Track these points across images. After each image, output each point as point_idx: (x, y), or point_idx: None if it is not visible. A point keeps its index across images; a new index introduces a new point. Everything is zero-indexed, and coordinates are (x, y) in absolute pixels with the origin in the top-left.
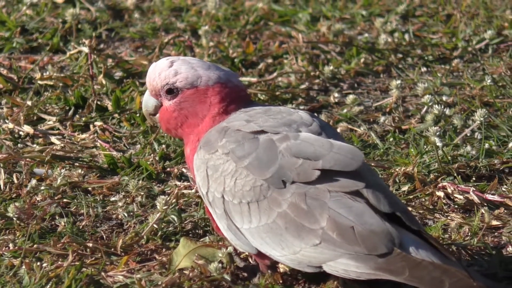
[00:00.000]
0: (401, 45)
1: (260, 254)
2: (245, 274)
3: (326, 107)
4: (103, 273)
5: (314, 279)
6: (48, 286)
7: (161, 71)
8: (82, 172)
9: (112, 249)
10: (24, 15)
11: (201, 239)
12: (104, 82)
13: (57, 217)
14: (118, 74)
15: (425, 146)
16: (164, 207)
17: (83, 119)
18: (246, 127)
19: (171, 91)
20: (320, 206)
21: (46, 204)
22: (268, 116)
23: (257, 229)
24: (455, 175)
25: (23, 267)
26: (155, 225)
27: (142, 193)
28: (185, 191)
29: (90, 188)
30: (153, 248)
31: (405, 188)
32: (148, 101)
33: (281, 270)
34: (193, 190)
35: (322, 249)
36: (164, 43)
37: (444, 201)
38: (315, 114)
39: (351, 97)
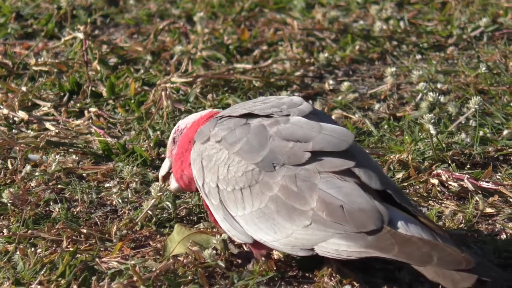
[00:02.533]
0: (396, 32)
1: (255, 244)
2: (239, 261)
3: (321, 94)
4: (97, 259)
5: (308, 266)
6: (42, 272)
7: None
8: (77, 158)
9: (107, 235)
10: (19, 1)
11: (195, 226)
12: (98, 68)
13: (51, 203)
14: (112, 60)
15: (419, 134)
16: (158, 194)
17: (78, 105)
18: (235, 112)
19: (174, 140)
20: (310, 188)
21: (41, 190)
22: (254, 102)
23: (251, 215)
24: (449, 162)
25: (17, 253)
26: (149, 212)
27: (136, 180)
28: None
29: (84, 174)
30: (147, 234)
31: (399, 175)
32: (164, 165)
33: (275, 257)
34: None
35: (313, 230)
36: (159, 30)
37: (438, 188)
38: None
39: (346, 84)
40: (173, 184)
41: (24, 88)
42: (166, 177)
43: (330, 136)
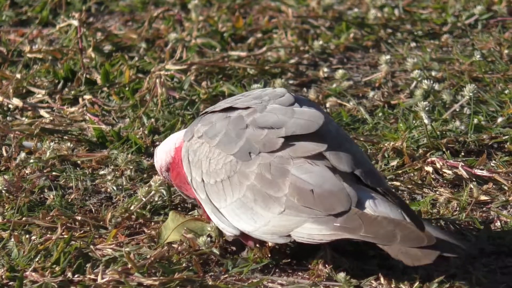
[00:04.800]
0: (391, 20)
1: (243, 235)
2: (234, 248)
3: (316, 82)
4: (92, 246)
5: (302, 254)
6: (37, 259)
7: (156, 165)
8: (71, 145)
9: (101, 223)
10: None
11: (190, 213)
12: (93, 55)
13: (46, 190)
14: (107, 48)
15: (414, 121)
16: (159, 188)
17: (72, 92)
18: (218, 107)
19: (166, 177)
20: (283, 174)
21: (35, 177)
22: (238, 96)
23: (232, 206)
24: (444, 150)
25: (12, 239)
26: (143, 199)
27: (131, 167)
28: None
29: (79, 162)
30: (141, 221)
31: (394, 163)
32: None
33: (270, 244)
34: None
35: (287, 216)
36: (153, 17)
37: (433, 176)
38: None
39: (340, 72)
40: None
41: (18, 75)
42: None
43: (300, 119)
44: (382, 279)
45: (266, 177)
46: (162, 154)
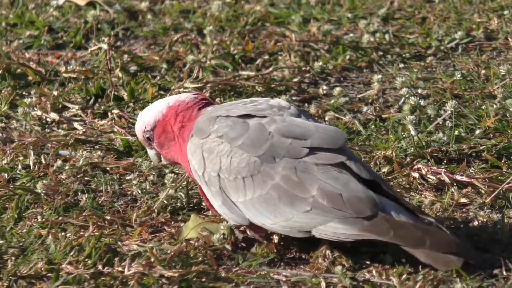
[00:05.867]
0: (382, 44)
1: (251, 225)
2: (244, 245)
3: (316, 98)
4: (119, 243)
5: (304, 249)
6: (72, 253)
7: (138, 128)
8: (101, 154)
9: (127, 222)
10: (51, 16)
11: (204, 212)
12: (120, 75)
13: (79, 193)
14: (133, 68)
15: (402, 133)
16: (172, 184)
17: (102, 107)
18: (231, 113)
19: (149, 139)
20: (310, 178)
21: (70, 182)
22: (245, 104)
23: (252, 201)
24: (428, 158)
25: (50, 236)
26: (165, 201)
27: (153, 173)
28: None
29: (108, 168)
30: (163, 221)
31: (384, 169)
32: (151, 154)
33: (275, 240)
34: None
35: (312, 215)
36: (173, 41)
37: (419, 181)
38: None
39: (337, 89)
40: (163, 161)
41: (55, 93)
42: (159, 161)
43: (325, 134)
44: (374, 271)
45: (293, 179)
46: (149, 114)
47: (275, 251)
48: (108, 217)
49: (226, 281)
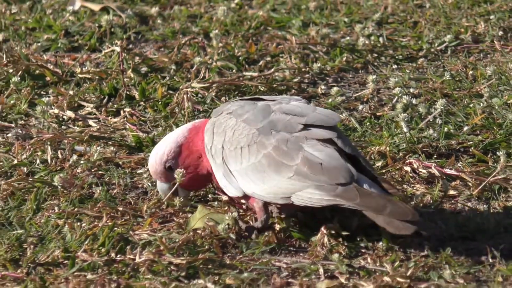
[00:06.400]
0: (376, 46)
1: (245, 197)
2: (247, 234)
3: (315, 97)
4: (131, 232)
5: (303, 238)
6: (86, 242)
7: (157, 161)
8: (114, 149)
9: (139, 213)
10: (67, 20)
11: (209, 203)
12: (132, 75)
13: (93, 186)
14: (143, 69)
15: (395, 129)
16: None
17: (115, 106)
18: (245, 97)
19: (170, 168)
20: (297, 149)
21: (85, 175)
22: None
23: (245, 169)
24: (419, 153)
25: (66, 226)
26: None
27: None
28: None
29: (120, 163)
30: (172, 212)
31: (379, 163)
32: (163, 188)
33: (277, 228)
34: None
35: (294, 181)
36: (181, 44)
37: (410, 174)
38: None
39: (335, 89)
40: (182, 193)
41: (71, 92)
42: (172, 196)
43: (321, 114)
44: (369, 259)
45: (282, 149)
46: (169, 143)
47: (276, 240)
48: (120, 208)
49: (231, 268)
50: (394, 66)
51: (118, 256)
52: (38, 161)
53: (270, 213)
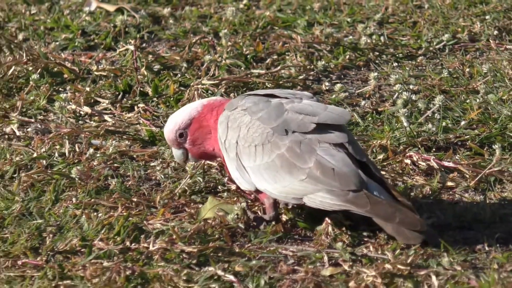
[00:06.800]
0: (378, 45)
1: (257, 191)
2: (255, 223)
3: (319, 94)
4: (145, 222)
5: (309, 228)
6: (103, 231)
7: (169, 128)
8: (129, 143)
9: (152, 203)
10: (84, 20)
11: (218, 194)
12: (145, 73)
13: (109, 178)
14: (156, 67)
15: (396, 124)
16: (193, 171)
17: (129, 102)
18: (259, 92)
19: (181, 135)
20: (310, 152)
21: (101, 168)
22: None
23: (259, 166)
24: (419, 146)
25: (83, 216)
26: (185, 187)
27: (175, 160)
28: None
29: (134, 156)
30: (183, 202)
31: (380, 156)
32: (177, 154)
33: (284, 219)
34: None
35: (306, 184)
36: (192, 43)
37: (410, 167)
38: None
39: (338, 85)
40: (193, 160)
41: (88, 89)
42: (183, 161)
43: (332, 113)
44: (371, 247)
45: (295, 151)
46: (183, 113)
47: (282, 230)
48: (135, 199)
49: (240, 256)
50: (395, 64)
51: (133, 244)
52: (56, 154)
53: (278, 210)
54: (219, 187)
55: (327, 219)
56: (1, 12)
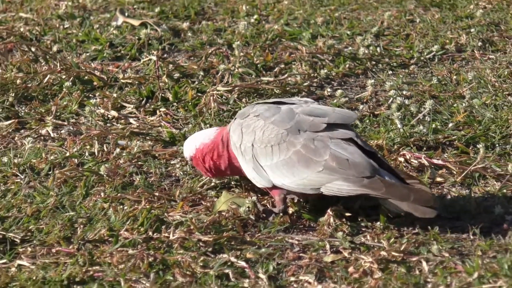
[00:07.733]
0: (375, 55)
1: (273, 187)
2: (264, 215)
3: (322, 99)
4: (166, 214)
5: (313, 219)
6: (128, 223)
7: (184, 152)
8: (151, 143)
9: (172, 197)
10: (111, 34)
11: (232, 189)
12: (166, 80)
13: (134, 175)
14: (176, 75)
15: (391, 126)
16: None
17: (152, 106)
18: (267, 100)
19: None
20: (324, 146)
21: (126, 166)
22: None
23: (276, 164)
24: (411, 146)
25: (111, 209)
26: (202, 182)
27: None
28: None
29: (156, 155)
30: (200, 196)
31: None
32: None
33: (290, 211)
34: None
35: (323, 174)
36: (208, 53)
37: (404, 164)
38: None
39: (339, 91)
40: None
41: (115, 95)
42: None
43: (340, 114)
44: (368, 236)
45: (310, 147)
46: (201, 139)
47: (289, 221)
48: (157, 194)
49: (251, 244)
50: (390, 72)
51: (155, 234)
52: (87, 154)
53: (287, 204)
54: (232, 182)
55: (329, 211)
56: (38, 27)
